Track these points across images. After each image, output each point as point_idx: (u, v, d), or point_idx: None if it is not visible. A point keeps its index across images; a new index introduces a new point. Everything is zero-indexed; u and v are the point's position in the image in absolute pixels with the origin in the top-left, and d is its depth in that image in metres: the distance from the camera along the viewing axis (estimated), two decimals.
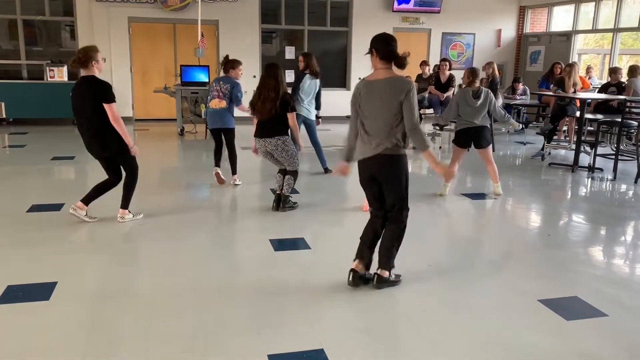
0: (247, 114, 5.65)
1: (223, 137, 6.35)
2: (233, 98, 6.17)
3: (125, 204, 4.89)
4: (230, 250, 4.46)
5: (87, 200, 4.82)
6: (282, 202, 5.35)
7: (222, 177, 6.34)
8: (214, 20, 11.54)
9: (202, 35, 10.23)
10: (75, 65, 4.51)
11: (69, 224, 4.80)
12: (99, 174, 4.91)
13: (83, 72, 4.52)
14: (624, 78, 8.98)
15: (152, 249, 4.36)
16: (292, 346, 2.89)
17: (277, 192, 5.40)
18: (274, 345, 2.89)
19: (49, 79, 10.43)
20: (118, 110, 4.55)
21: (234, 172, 6.40)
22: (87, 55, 4.46)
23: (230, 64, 6.26)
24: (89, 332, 2.99)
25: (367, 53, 3.54)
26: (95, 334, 2.97)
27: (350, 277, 3.61)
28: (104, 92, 4.47)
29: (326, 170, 7.11)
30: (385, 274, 3.63)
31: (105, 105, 4.45)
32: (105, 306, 3.32)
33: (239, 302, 3.43)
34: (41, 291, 3.46)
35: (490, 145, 6.15)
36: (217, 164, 6.46)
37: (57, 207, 5.26)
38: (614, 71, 9.17)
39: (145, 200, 5.42)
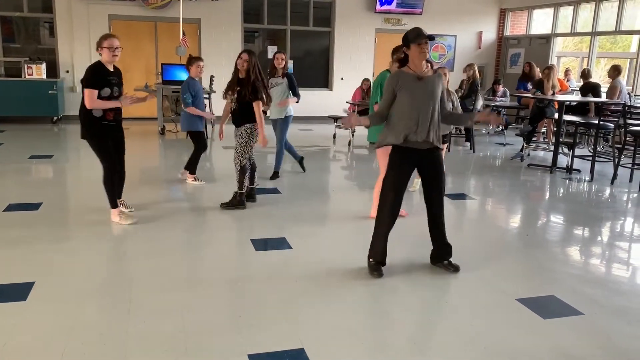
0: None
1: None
2: (188, 98, 5.96)
3: (112, 204, 4.79)
4: (211, 250, 4.43)
5: (112, 202, 4.77)
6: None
7: (190, 179, 6.29)
8: (195, 19, 11.47)
9: (183, 34, 10.17)
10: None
11: (47, 223, 4.74)
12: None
13: None
14: (592, 79, 9.33)
15: (131, 249, 4.32)
16: (273, 346, 2.89)
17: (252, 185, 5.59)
18: (254, 344, 2.89)
19: (26, 76, 10.28)
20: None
21: (189, 170, 6.26)
22: (97, 43, 4.64)
23: (188, 63, 6.08)
24: (67, 333, 2.95)
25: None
26: (73, 335, 2.93)
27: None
28: (85, 75, 4.52)
29: (275, 174, 6.67)
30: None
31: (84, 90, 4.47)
32: (84, 306, 3.28)
33: (219, 301, 3.42)
34: (18, 291, 3.41)
35: None
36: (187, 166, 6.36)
37: (34, 206, 5.18)
38: (583, 74, 9.51)
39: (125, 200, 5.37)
